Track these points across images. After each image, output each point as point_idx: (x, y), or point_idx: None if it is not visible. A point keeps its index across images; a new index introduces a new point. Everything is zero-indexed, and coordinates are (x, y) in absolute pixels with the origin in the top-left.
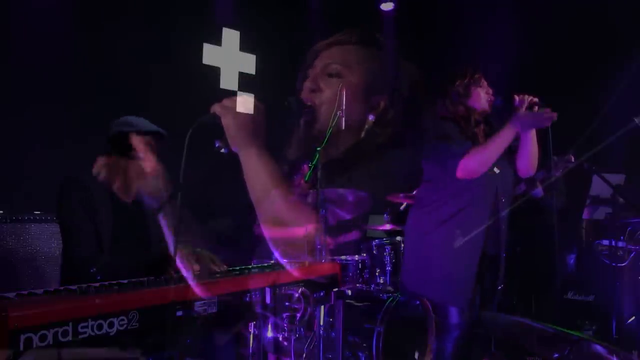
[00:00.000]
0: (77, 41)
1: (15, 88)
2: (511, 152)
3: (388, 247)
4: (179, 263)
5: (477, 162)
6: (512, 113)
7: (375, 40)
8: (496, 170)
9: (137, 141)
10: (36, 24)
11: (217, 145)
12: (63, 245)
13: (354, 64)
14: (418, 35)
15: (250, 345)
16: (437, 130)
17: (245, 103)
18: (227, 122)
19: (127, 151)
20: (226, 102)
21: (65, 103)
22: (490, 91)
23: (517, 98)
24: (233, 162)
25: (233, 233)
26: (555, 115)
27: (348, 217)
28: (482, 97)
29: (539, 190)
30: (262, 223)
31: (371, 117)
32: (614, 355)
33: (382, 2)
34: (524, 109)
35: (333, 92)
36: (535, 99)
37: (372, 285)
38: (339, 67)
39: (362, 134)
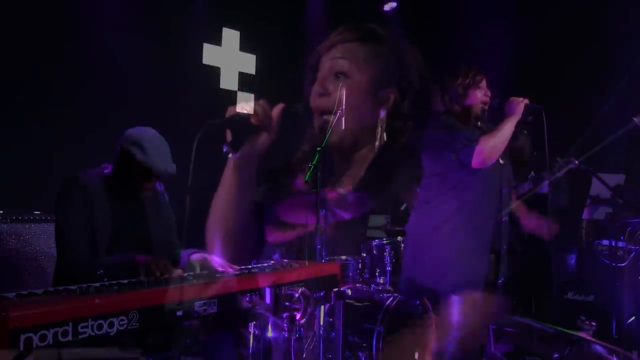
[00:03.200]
0: (76, 41)
1: (14, 88)
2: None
3: (388, 247)
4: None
5: (490, 147)
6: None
7: (376, 35)
8: (501, 161)
9: (144, 177)
10: (37, 23)
11: (225, 150)
12: (57, 249)
13: (359, 62)
14: (419, 35)
15: (250, 345)
16: (439, 122)
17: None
18: None
19: (132, 175)
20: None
21: (66, 103)
22: (489, 93)
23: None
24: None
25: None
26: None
27: (348, 217)
28: (478, 98)
29: (545, 187)
30: None
31: (382, 113)
32: (614, 355)
33: (384, 2)
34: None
35: (340, 96)
36: (527, 100)
37: (372, 286)
38: (345, 67)
39: (378, 133)
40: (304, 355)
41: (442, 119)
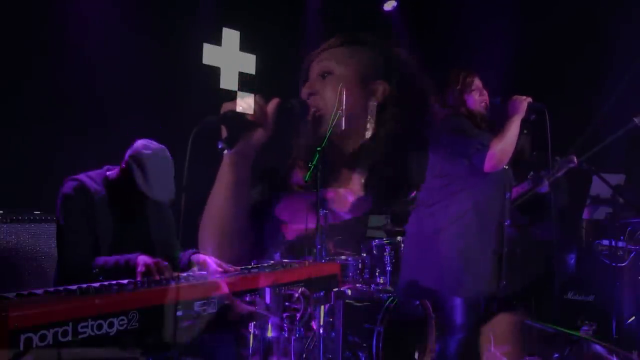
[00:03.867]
0: (77, 41)
1: (14, 88)
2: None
3: (388, 247)
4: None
5: (501, 150)
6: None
7: (361, 39)
8: (505, 166)
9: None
10: (37, 23)
11: (220, 146)
12: (57, 247)
13: (344, 59)
14: (419, 35)
15: (250, 345)
16: (451, 124)
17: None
18: None
19: (131, 193)
20: None
21: (66, 103)
22: (485, 92)
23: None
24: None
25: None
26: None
27: (348, 217)
28: (475, 100)
29: (545, 187)
30: None
31: (373, 103)
32: (614, 355)
33: (383, 2)
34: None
35: (331, 91)
36: (530, 99)
37: (372, 285)
38: (330, 65)
39: (369, 123)
40: (304, 355)
41: (455, 121)
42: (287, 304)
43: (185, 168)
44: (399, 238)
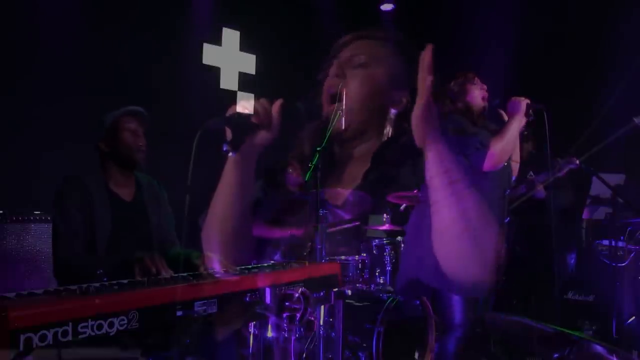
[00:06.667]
0: (77, 42)
1: (15, 88)
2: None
3: (388, 247)
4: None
5: (501, 150)
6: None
7: (394, 38)
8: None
9: (126, 121)
10: (37, 25)
11: (224, 149)
12: (52, 246)
13: (379, 57)
14: (418, 36)
15: (250, 345)
16: (449, 123)
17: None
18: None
19: (120, 133)
20: None
21: (66, 103)
22: (485, 87)
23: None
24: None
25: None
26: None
27: (348, 217)
28: (477, 94)
29: (540, 192)
30: None
31: (393, 112)
32: (614, 355)
33: (382, 3)
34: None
35: (356, 85)
36: (528, 101)
37: (372, 285)
38: (364, 58)
39: (386, 131)
40: (304, 355)
41: (453, 120)
42: (287, 304)
43: (189, 170)
44: (399, 238)
